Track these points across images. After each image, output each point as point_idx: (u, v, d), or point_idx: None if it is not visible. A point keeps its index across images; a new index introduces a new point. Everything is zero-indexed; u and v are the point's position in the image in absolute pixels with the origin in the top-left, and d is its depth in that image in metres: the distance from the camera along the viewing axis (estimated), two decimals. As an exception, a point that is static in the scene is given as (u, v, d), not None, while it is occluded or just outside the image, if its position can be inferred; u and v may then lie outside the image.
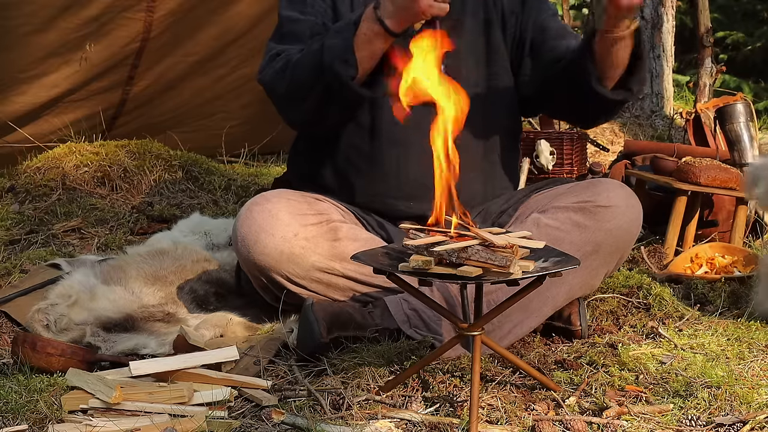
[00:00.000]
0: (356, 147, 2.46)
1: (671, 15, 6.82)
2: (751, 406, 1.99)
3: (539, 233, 2.30)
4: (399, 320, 2.29)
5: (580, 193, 2.38)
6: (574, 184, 2.48)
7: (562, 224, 2.34)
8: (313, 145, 2.56)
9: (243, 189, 4.09)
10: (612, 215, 2.34)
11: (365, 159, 2.46)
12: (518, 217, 2.46)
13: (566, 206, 2.36)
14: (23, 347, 2.15)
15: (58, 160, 4.01)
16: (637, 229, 2.41)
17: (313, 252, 2.31)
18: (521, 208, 2.49)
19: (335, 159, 2.50)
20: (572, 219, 2.34)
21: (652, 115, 6.67)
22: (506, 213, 2.51)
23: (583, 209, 2.34)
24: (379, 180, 2.46)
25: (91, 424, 1.83)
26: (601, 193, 2.36)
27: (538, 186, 2.59)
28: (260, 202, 2.33)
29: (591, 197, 2.36)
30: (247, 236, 2.30)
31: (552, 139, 4.21)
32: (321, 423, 1.87)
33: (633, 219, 2.38)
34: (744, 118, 3.57)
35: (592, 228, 2.33)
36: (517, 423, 1.91)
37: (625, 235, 2.38)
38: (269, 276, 2.32)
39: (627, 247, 2.42)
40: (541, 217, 2.37)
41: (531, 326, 2.39)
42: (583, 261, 2.30)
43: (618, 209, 2.34)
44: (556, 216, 2.35)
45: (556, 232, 2.32)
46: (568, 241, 2.31)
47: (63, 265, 2.91)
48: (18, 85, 3.83)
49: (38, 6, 3.56)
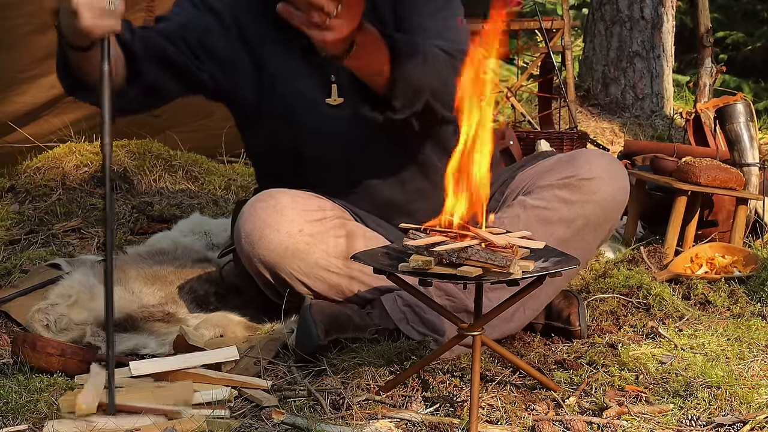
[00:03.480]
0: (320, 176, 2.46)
1: (671, 15, 6.84)
2: (751, 406, 1.99)
3: (527, 215, 2.32)
4: (396, 318, 2.29)
5: (562, 169, 2.37)
6: (557, 158, 2.46)
7: (548, 203, 2.34)
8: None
9: (243, 189, 4.10)
10: (597, 186, 2.33)
11: (335, 187, 2.45)
12: (505, 200, 2.47)
13: (551, 184, 2.36)
14: (23, 347, 2.15)
15: (58, 160, 4.01)
16: (625, 195, 2.39)
17: (317, 248, 2.31)
18: (507, 190, 2.49)
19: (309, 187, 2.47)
20: (558, 196, 2.34)
21: (652, 115, 6.68)
22: (493, 198, 2.51)
23: (568, 185, 2.34)
24: (361, 202, 2.48)
25: (91, 422, 1.82)
26: (582, 166, 2.35)
27: (522, 163, 2.57)
28: (264, 199, 2.33)
29: (573, 171, 2.35)
30: (251, 232, 2.29)
31: (552, 139, 4.22)
32: (321, 423, 1.87)
33: (618, 187, 2.36)
34: (744, 118, 3.57)
35: (579, 202, 2.33)
36: (517, 423, 1.91)
37: (613, 204, 2.36)
38: (274, 272, 2.31)
39: (617, 215, 2.41)
40: (527, 199, 2.37)
41: (534, 308, 2.39)
42: (576, 236, 2.33)
43: (602, 180, 2.33)
44: (541, 195, 2.36)
45: (544, 212, 2.33)
46: (557, 218, 2.32)
47: (63, 265, 2.91)
48: (18, 85, 3.83)
49: (38, 6, 3.56)
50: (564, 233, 2.33)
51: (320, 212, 2.35)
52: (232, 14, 2.40)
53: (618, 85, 6.79)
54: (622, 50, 6.77)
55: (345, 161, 2.41)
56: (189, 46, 2.36)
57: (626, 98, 6.77)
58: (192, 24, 2.38)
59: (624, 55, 6.76)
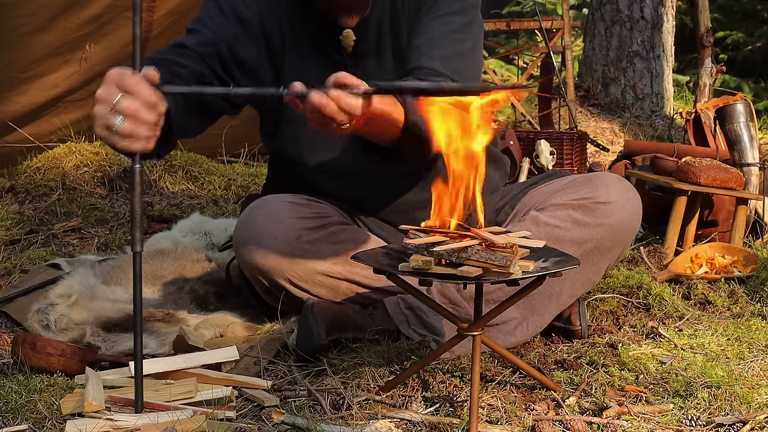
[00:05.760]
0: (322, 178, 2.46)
1: (671, 15, 6.83)
2: (751, 406, 1.99)
3: (539, 231, 2.30)
4: (397, 320, 2.29)
5: (578, 190, 2.37)
6: (572, 179, 2.45)
7: (561, 222, 2.33)
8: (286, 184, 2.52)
9: (243, 189, 4.10)
10: (611, 211, 2.32)
11: (340, 192, 2.46)
12: (516, 215, 2.45)
13: (565, 203, 2.35)
14: (23, 347, 2.15)
15: (58, 160, 4.02)
16: (637, 222, 2.39)
17: (316, 255, 2.30)
18: (518, 204, 2.48)
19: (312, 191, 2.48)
20: (571, 216, 2.33)
21: (652, 115, 6.68)
22: (503, 211, 2.51)
23: (583, 206, 2.33)
24: (364, 206, 2.49)
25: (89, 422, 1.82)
26: (599, 189, 2.34)
27: (534, 181, 2.56)
28: (262, 206, 2.32)
29: (589, 193, 2.34)
30: (249, 240, 2.29)
31: (552, 139, 4.22)
32: (321, 423, 1.87)
33: (632, 213, 2.36)
34: (744, 118, 3.57)
35: (592, 224, 2.32)
36: (517, 423, 1.91)
37: (626, 230, 2.36)
38: (272, 279, 2.31)
39: (628, 241, 2.41)
40: (539, 215, 2.36)
41: (538, 325, 2.39)
42: (585, 258, 2.31)
43: (617, 204, 2.33)
44: (555, 214, 2.34)
45: (556, 231, 2.32)
46: (569, 239, 2.31)
47: (63, 265, 2.91)
48: (18, 85, 3.84)
49: (38, 6, 3.57)
50: (574, 254, 2.31)
51: (319, 219, 2.34)
52: (259, 21, 2.37)
53: (618, 85, 6.79)
54: (622, 50, 6.77)
55: (348, 170, 2.40)
56: (223, 62, 2.33)
57: (626, 98, 6.77)
58: (222, 33, 2.34)
59: (624, 55, 6.76)
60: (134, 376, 1.86)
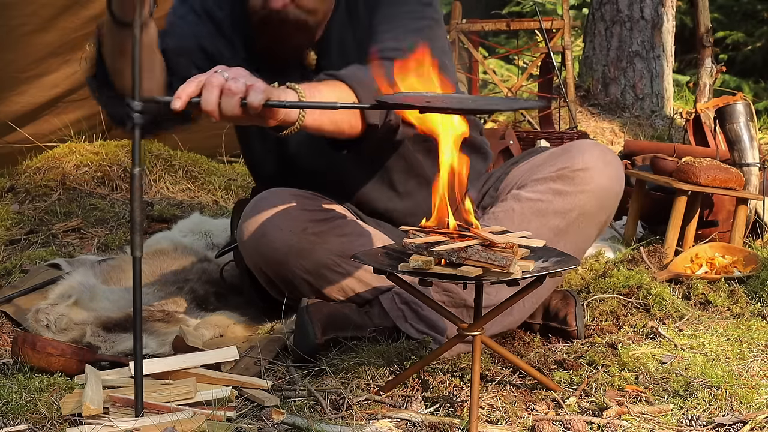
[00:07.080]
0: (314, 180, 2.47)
1: (671, 15, 6.84)
2: (751, 406, 1.99)
3: (522, 208, 2.31)
4: (394, 316, 2.29)
5: (555, 161, 2.37)
6: (550, 152, 2.45)
7: (543, 195, 2.33)
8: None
9: (243, 189, 4.10)
10: (590, 177, 2.32)
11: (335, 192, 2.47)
12: (499, 196, 2.46)
13: (544, 177, 2.35)
14: (23, 347, 2.15)
15: (58, 160, 4.02)
16: (619, 184, 2.38)
17: (321, 247, 2.30)
18: (501, 185, 2.49)
19: None
20: (552, 188, 2.33)
21: (652, 115, 6.69)
22: (488, 194, 2.51)
23: (561, 176, 2.33)
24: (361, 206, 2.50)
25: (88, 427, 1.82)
26: (575, 157, 2.33)
27: (516, 159, 2.57)
28: (268, 197, 2.32)
29: (567, 162, 2.34)
30: (255, 231, 2.29)
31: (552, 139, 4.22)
32: (321, 423, 1.87)
33: (612, 175, 2.35)
34: (744, 118, 3.57)
35: (573, 192, 2.32)
36: (517, 423, 1.91)
37: (608, 193, 2.35)
38: (277, 271, 2.31)
39: (613, 205, 2.40)
40: (521, 192, 2.37)
41: (534, 301, 2.39)
42: (572, 227, 2.32)
43: (596, 169, 2.32)
44: (535, 188, 2.35)
45: (538, 204, 2.32)
46: (552, 211, 2.31)
47: (63, 265, 2.91)
48: (18, 85, 3.84)
49: (38, 6, 3.56)
50: (559, 224, 2.32)
51: (324, 212, 2.34)
52: (230, 23, 2.40)
53: (618, 85, 6.80)
54: (622, 50, 6.78)
55: (333, 173, 2.42)
56: (207, 56, 2.35)
57: (626, 98, 6.78)
58: (198, 30, 2.38)
59: (624, 55, 6.77)
60: (134, 377, 1.86)
